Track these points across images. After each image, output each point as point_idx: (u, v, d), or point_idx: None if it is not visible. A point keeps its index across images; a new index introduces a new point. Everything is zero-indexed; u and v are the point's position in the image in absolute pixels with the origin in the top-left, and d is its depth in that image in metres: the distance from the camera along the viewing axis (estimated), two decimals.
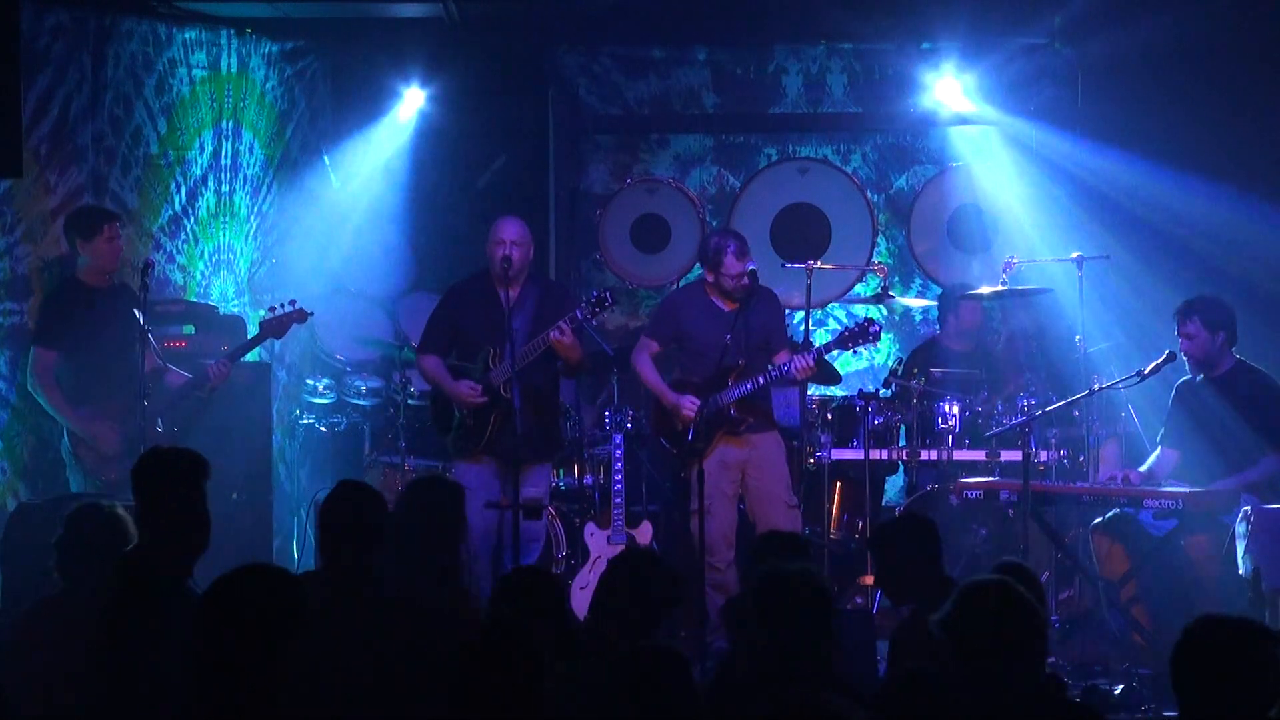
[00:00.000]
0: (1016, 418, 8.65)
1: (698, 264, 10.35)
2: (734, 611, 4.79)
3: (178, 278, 9.26)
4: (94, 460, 7.76)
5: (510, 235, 7.86)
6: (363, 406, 9.80)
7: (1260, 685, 3.65)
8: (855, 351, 8.18)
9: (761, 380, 7.82)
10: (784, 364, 7.80)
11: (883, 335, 9.94)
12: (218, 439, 8.28)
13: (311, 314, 8.49)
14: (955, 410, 8.79)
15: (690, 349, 8.00)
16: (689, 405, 7.80)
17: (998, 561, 4.87)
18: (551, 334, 7.60)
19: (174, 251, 9.26)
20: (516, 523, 7.38)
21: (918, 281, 10.54)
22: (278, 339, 8.74)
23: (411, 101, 10.27)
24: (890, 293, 9.62)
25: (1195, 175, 9.31)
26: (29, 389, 7.88)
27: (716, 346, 7.73)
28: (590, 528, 8.66)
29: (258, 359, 9.20)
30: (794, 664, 4.23)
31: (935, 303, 10.43)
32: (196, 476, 4.86)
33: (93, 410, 7.81)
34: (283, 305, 8.31)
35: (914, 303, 10.26)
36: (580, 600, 8.00)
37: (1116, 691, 7.06)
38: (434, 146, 10.41)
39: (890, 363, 10.11)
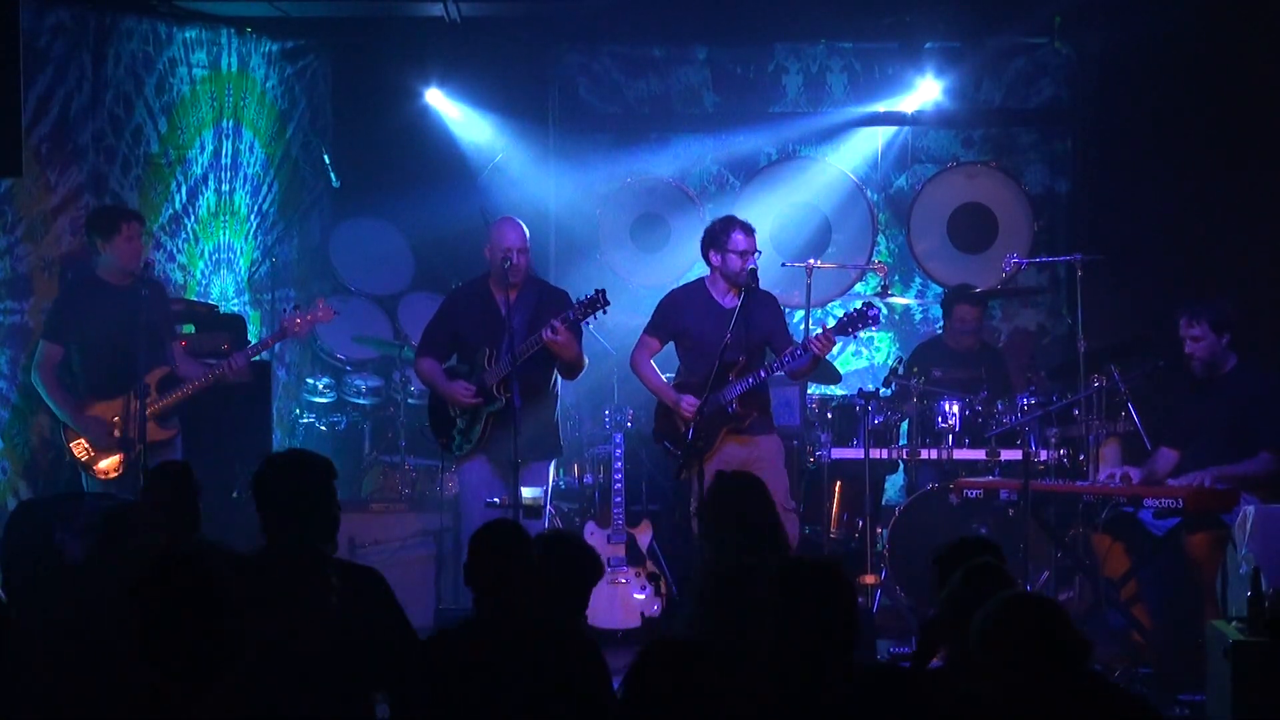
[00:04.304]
0: (1017, 417, 8.66)
1: (697, 260, 10.42)
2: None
3: (178, 276, 9.29)
4: (86, 458, 7.78)
5: (516, 243, 7.83)
6: (363, 405, 9.82)
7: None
8: (855, 335, 8.12)
9: (762, 374, 7.78)
10: (797, 348, 7.66)
11: (882, 334, 9.96)
12: (218, 438, 8.32)
13: (337, 313, 8.47)
14: (955, 409, 8.79)
15: (690, 347, 7.98)
16: (688, 405, 7.77)
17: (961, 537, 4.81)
18: (544, 334, 7.58)
19: (174, 250, 9.28)
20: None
21: (917, 281, 10.54)
22: (300, 339, 8.72)
23: (411, 100, 10.27)
24: (890, 291, 9.64)
25: (1195, 174, 9.31)
26: (32, 380, 7.91)
27: (717, 344, 7.63)
28: (590, 527, 8.67)
29: (257, 357, 9.20)
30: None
31: (916, 301, 10.47)
32: (325, 478, 4.93)
33: (98, 407, 7.81)
34: (305, 305, 8.25)
35: (900, 300, 10.24)
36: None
37: None
38: (434, 145, 10.42)
39: (890, 362, 10.11)
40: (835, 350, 8.10)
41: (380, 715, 4.87)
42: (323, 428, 9.88)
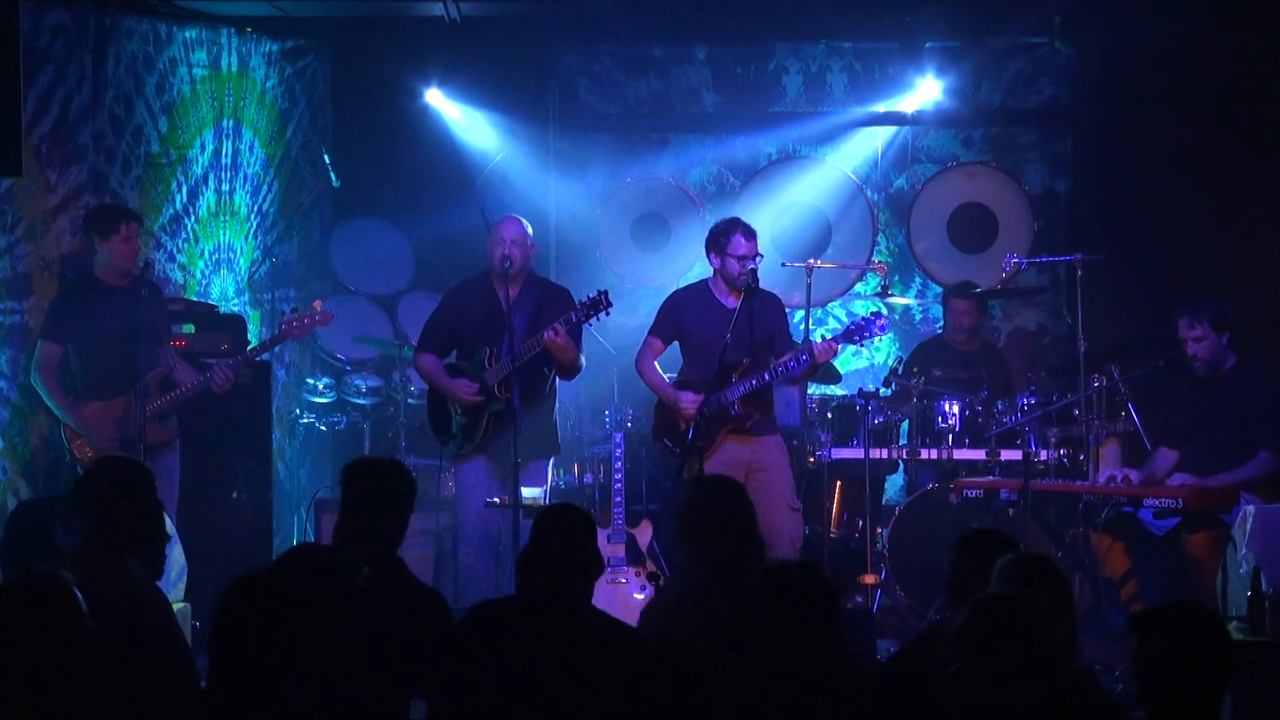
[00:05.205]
0: (1017, 417, 8.66)
1: (697, 260, 10.42)
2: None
3: (178, 276, 9.28)
4: (88, 458, 7.78)
5: (511, 234, 7.87)
6: (363, 405, 9.81)
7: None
8: (861, 344, 8.13)
9: (766, 377, 7.75)
10: (801, 352, 7.65)
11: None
12: (218, 437, 8.32)
13: (335, 316, 8.49)
14: (955, 409, 8.79)
15: (693, 347, 7.97)
16: (688, 402, 7.77)
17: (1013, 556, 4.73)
18: (545, 334, 7.58)
19: (174, 250, 9.28)
20: (516, 522, 7.37)
21: (917, 281, 10.54)
22: (298, 341, 8.74)
23: (411, 100, 10.27)
24: (890, 291, 9.63)
25: (1195, 174, 9.31)
26: (32, 381, 7.91)
27: (718, 344, 7.62)
28: None
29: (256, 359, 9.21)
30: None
31: (916, 301, 10.46)
32: (408, 488, 5.08)
33: (97, 407, 7.82)
34: (304, 307, 8.26)
35: (900, 300, 10.23)
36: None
37: (1117, 690, 7.06)
38: (434, 145, 10.42)
39: (890, 362, 10.11)
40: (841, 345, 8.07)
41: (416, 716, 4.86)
42: (323, 428, 9.87)
